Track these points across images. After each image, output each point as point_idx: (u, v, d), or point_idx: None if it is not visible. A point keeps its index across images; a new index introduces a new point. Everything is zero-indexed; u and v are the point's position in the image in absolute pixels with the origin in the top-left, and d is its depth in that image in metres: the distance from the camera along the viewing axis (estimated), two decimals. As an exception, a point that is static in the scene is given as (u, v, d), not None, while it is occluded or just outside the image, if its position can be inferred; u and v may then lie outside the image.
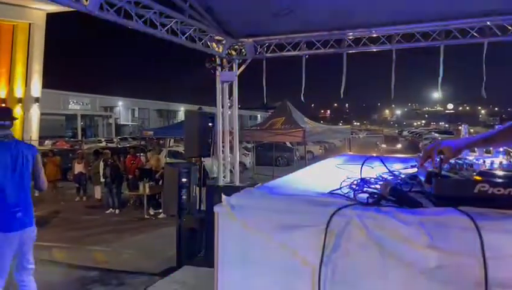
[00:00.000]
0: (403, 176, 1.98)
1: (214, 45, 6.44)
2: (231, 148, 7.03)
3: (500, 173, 1.55)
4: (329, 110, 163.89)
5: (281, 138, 14.35)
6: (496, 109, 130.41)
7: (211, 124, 6.53)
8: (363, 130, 53.19)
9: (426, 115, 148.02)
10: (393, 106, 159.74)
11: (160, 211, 10.21)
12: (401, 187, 1.65)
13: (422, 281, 1.26)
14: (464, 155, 1.80)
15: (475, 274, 1.19)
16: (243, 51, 6.81)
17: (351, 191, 1.71)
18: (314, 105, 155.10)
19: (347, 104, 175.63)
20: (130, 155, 13.19)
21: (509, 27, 5.44)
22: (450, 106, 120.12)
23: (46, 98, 22.64)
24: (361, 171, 1.97)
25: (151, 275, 5.92)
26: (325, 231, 1.38)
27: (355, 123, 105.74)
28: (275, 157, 19.68)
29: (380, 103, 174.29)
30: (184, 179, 6.02)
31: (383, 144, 28.10)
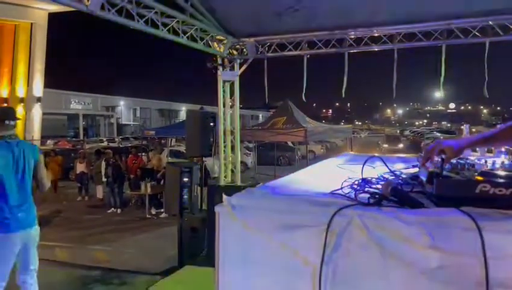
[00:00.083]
0: (404, 176, 1.97)
1: (216, 44, 6.45)
2: (232, 147, 7.04)
3: (501, 173, 1.54)
4: (331, 110, 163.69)
5: (282, 137, 14.34)
6: (498, 108, 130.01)
7: (212, 124, 6.53)
8: (365, 130, 53.18)
9: (428, 115, 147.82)
10: (395, 105, 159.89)
11: (161, 210, 10.22)
12: (402, 187, 1.65)
13: (423, 282, 1.25)
14: (466, 155, 1.79)
15: (476, 274, 1.19)
16: (244, 50, 6.81)
17: (352, 191, 1.71)
18: (315, 104, 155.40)
19: (349, 104, 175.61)
20: (132, 155, 13.20)
21: (511, 26, 5.43)
22: (452, 105, 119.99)
23: (48, 98, 22.66)
24: (363, 171, 1.97)
25: (153, 274, 5.94)
26: (326, 231, 1.38)
27: (357, 123, 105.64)
28: (276, 157, 19.67)
29: (382, 103, 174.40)
30: (186, 179, 6.01)
31: (384, 144, 28.10)
